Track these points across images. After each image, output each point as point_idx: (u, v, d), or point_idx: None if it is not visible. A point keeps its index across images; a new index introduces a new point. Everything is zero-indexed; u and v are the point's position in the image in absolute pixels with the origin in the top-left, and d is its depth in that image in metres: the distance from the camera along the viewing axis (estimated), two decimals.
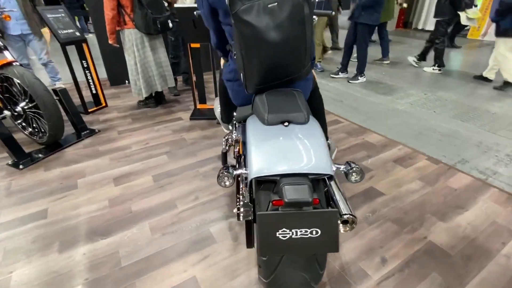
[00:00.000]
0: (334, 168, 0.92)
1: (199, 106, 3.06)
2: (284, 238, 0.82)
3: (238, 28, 0.93)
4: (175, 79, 3.56)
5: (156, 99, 3.22)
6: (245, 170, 0.94)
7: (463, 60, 5.14)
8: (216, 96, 3.00)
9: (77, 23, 4.50)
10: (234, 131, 1.46)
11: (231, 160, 1.97)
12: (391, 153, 2.26)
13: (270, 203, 0.87)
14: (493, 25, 3.52)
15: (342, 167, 0.95)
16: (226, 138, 1.56)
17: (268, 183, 0.91)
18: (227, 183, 0.94)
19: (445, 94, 3.51)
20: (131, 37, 2.73)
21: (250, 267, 1.34)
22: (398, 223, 1.58)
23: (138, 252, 1.43)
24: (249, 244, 1.07)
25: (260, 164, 0.87)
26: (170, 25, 2.84)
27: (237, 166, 1.01)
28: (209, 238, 1.51)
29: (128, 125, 2.79)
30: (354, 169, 0.92)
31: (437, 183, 1.90)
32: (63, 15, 2.80)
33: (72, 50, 2.74)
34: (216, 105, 1.96)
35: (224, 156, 1.60)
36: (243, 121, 1.31)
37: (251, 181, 0.90)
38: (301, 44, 1.01)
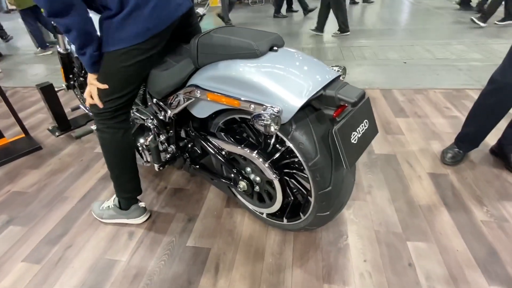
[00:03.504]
0: None
1: None
2: (355, 142, 0.85)
3: None
4: None
5: None
6: (274, 108, 0.80)
7: None
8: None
9: None
10: (168, 110, 1.11)
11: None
12: None
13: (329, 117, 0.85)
14: None
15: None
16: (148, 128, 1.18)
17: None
18: (277, 127, 0.78)
19: None
20: None
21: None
22: None
23: None
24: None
25: (299, 90, 0.79)
26: None
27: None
28: None
29: None
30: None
31: None
32: None
33: None
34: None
35: (157, 151, 1.19)
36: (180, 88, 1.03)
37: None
38: None
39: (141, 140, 1.25)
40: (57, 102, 1.98)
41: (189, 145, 1.28)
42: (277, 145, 1.05)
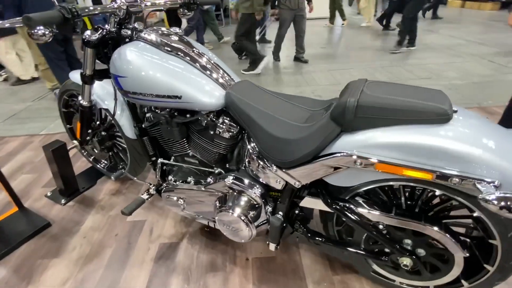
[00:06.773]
0: None
1: None
2: None
3: None
4: None
5: None
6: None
7: None
8: None
9: None
10: (295, 180, 0.92)
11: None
12: None
13: None
14: None
15: None
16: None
17: None
18: None
19: None
20: None
21: None
22: None
23: None
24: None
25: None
26: None
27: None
28: None
29: None
30: None
31: None
32: None
33: None
34: None
35: (282, 229, 0.97)
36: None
37: None
38: None
39: (252, 215, 1.02)
40: (67, 163, 1.58)
41: (297, 212, 1.09)
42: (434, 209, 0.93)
